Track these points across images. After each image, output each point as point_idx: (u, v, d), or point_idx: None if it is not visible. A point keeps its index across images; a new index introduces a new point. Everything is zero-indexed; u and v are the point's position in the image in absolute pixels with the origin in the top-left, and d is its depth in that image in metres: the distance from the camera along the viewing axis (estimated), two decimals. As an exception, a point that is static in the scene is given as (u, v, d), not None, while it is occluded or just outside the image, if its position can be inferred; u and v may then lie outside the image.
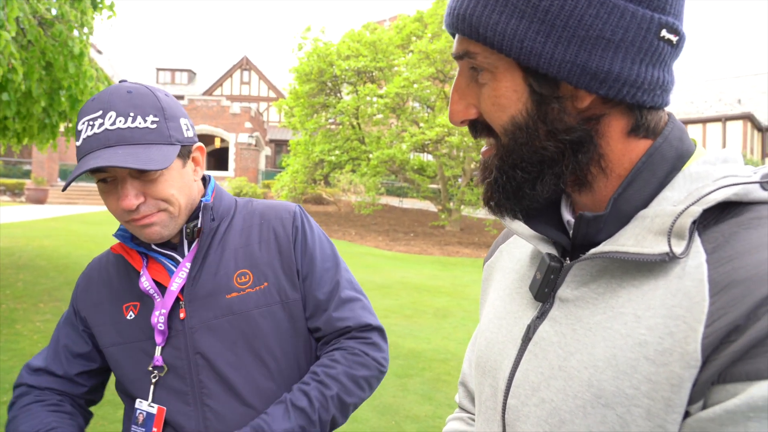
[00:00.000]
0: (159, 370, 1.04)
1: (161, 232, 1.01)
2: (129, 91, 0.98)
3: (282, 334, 1.08)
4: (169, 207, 1.01)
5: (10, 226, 12.45)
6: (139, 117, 0.96)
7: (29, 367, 1.13)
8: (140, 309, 1.07)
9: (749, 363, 0.43)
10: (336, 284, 1.13)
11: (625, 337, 0.51)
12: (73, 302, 1.16)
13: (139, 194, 0.97)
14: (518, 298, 0.68)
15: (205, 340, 1.03)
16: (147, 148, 0.95)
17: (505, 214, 0.62)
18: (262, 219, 1.14)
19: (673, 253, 0.50)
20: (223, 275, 1.06)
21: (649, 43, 0.53)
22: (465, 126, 0.63)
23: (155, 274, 1.06)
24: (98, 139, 0.94)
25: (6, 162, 27.10)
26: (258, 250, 1.09)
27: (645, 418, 0.48)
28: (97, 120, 0.95)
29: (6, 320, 5.36)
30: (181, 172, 1.03)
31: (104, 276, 1.13)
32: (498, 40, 0.54)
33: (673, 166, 0.57)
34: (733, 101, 24.07)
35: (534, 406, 0.58)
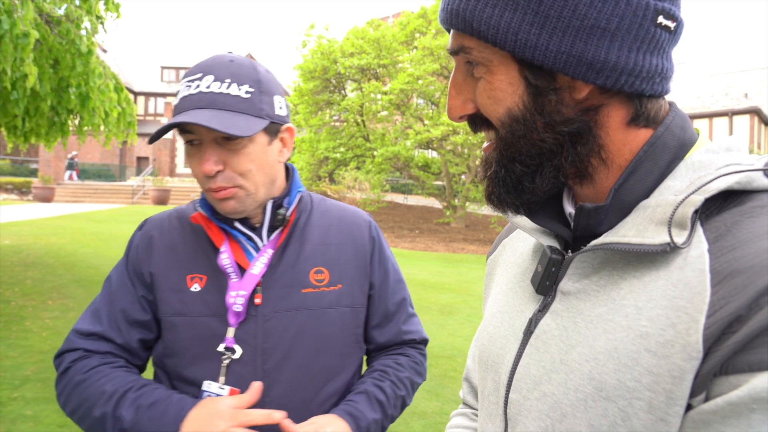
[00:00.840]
0: (231, 352, 1.01)
1: (236, 207, 1.01)
2: (231, 60, 1.00)
3: (345, 338, 1.09)
4: (244, 183, 1.00)
5: (17, 224, 12.53)
6: (235, 84, 0.97)
7: (79, 332, 1.05)
8: (207, 283, 1.04)
9: (752, 354, 0.41)
10: (403, 299, 1.20)
11: (627, 329, 0.50)
12: (131, 263, 1.08)
13: (219, 162, 0.97)
14: (520, 291, 0.67)
15: (278, 329, 1.02)
16: (235, 116, 0.95)
17: (508, 209, 0.62)
18: (341, 222, 1.15)
19: (674, 243, 0.49)
20: (301, 269, 1.07)
21: (646, 31, 0.52)
22: (464, 121, 0.62)
23: (233, 253, 1.05)
24: (192, 99, 0.96)
25: (13, 161, 27.26)
26: (335, 251, 1.11)
27: (646, 411, 0.47)
28: (195, 81, 0.97)
29: (15, 317, 5.40)
30: (265, 149, 1.02)
31: (167, 240, 1.08)
32: (492, 34, 0.53)
33: (675, 155, 0.56)
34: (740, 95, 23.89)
35: (535, 400, 0.58)
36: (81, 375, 1.01)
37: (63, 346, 1.06)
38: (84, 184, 25.02)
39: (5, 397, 3.57)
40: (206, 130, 0.96)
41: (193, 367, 1.02)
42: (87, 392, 0.99)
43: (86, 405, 0.98)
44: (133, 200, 22.95)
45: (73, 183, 24.83)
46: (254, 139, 0.99)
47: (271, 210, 1.06)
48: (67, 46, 4.90)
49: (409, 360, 1.17)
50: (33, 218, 14.07)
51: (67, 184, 24.20)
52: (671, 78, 0.56)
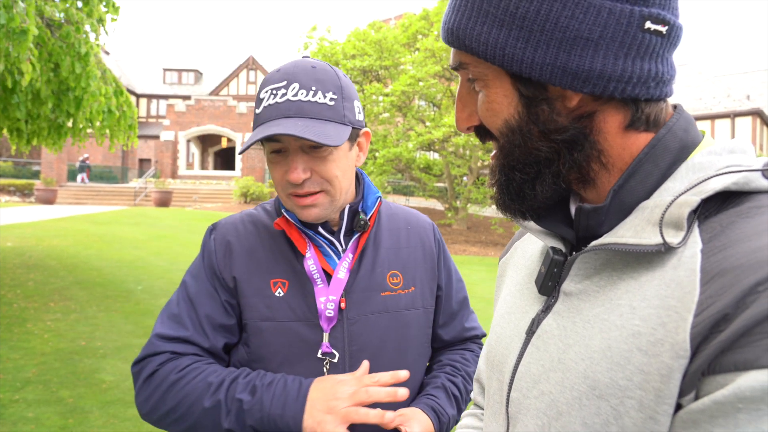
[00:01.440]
0: (331, 357, 1.01)
1: (319, 213, 1.01)
2: (313, 66, 1.00)
3: (421, 338, 1.12)
4: (331, 189, 1.00)
5: (20, 226, 12.56)
6: (320, 92, 0.97)
7: (163, 337, 1.02)
8: (289, 288, 1.03)
9: (738, 353, 0.42)
10: (464, 298, 1.24)
11: (620, 329, 0.51)
12: (212, 268, 1.05)
13: (307, 169, 0.98)
14: (527, 293, 0.69)
15: (363, 332, 1.04)
16: (323, 124, 0.95)
17: (515, 215, 0.63)
18: (408, 225, 1.18)
19: (667, 243, 0.49)
20: (379, 273, 1.09)
21: (633, 37, 0.52)
22: (471, 132, 0.65)
23: (317, 258, 1.05)
24: (279, 108, 0.96)
25: (15, 163, 27.34)
26: (406, 255, 1.14)
27: (637, 409, 0.48)
28: (281, 90, 0.96)
29: (17, 319, 5.41)
30: (347, 155, 1.03)
31: (246, 245, 1.07)
32: (482, 50, 0.56)
33: (677, 157, 0.56)
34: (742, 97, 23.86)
35: (534, 399, 0.59)
36: (176, 374, 0.98)
37: (144, 350, 1.03)
38: (86, 186, 25.07)
39: (7, 399, 3.57)
40: (294, 139, 0.96)
41: (287, 372, 1.00)
42: (189, 387, 0.96)
43: (190, 400, 0.95)
44: (135, 202, 22.99)
45: (75, 185, 24.90)
46: (339, 147, 0.99)
47: (349, 215, 1.07)
48: (66, 49, 4.91)
49: (474, 355, 1.22)
50: (35, 220, 14.11)
51: (69, 186, 24.25)
52: (670, 81, 0.57)
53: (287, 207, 1.03)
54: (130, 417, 3.39)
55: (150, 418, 1.01)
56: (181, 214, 17.73)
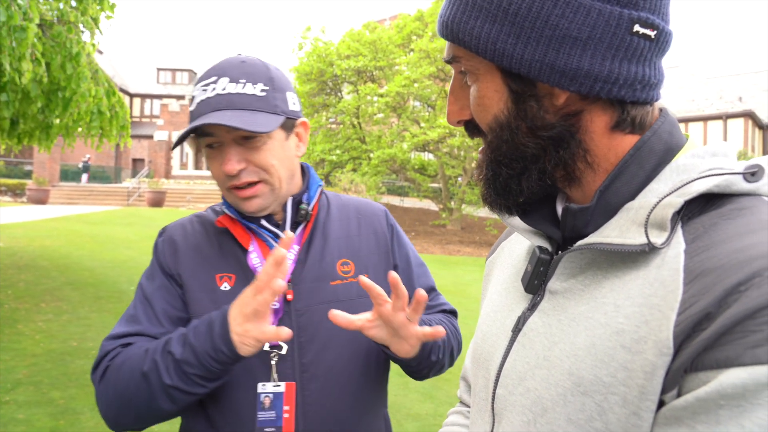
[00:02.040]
0: (278, 349, 1.01)
1: (261, 203, 1.03)
2: (243, 60, 1.03)
3: None
4: (269, 178, 1.02)
5: (11, 226, 12.47)
6: (249, 84, 0.99)
7: (114, 336, 1.02)
8: (236, 282, 1.04)
9: (719, 351, 0.43)
10: (427, 278, 1.23)
11: (604, 326, 0.52)
12: (161, 266, 1.08)
13: (241, 160, 1.00)
14: (513, 291, 0.70)
15: (312, 323, 1.03)
16: (253, 114, 0.98)
17: (501, 210, 0.64)
18: (359, 214, 1.18)
19: (651, 243, 0.50)
20: (328, 262, 1.08)
21: (621, 39, 0.53)
22: (462, 126, 0.66)
23: (261, 251, 1.06)
24: (209, 103, 0.98)
25: (7, 162, 27.15)
26: (358, 243, 1.13)
27: (621, 405, 0.49)
28: (211, 85, 1.00)
29: (8, 320, 5.37)
30: (283, 144, 1.04)
31: (191, 242, 1.09)
32: (475, 44, 0.57)
33: (662, 159, 0.57)
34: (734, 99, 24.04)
35: (520, 395, 0.59)
36: (120, 360, 0.97)
37: (98, 355, 1.02)
38: (79, 185, 24.94)
39: (-3, 401, 3.54)
40: (225, 131, 0.98)
41: (238, 367, 0.97)
42: (130, 364, 0.94)
43: (132, 375, 0.93)
44: (128, 202, 22.88)
45: (67, 185, 24.76)
46: (273, 135, 1.02)
47: (293, 206, 1.08)
48: (58, 49, 4.88)
49: (448, 315, 1.21)
50: (27, 220, 14.01)
51: (62, 186, 24.11)
52: (657, 85, 0.58)
53: (230, 201, 1.05)
54: (122, 418, 3.38)
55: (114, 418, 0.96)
56: (174, 214, 17.64)
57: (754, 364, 0.40)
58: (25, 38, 4.04)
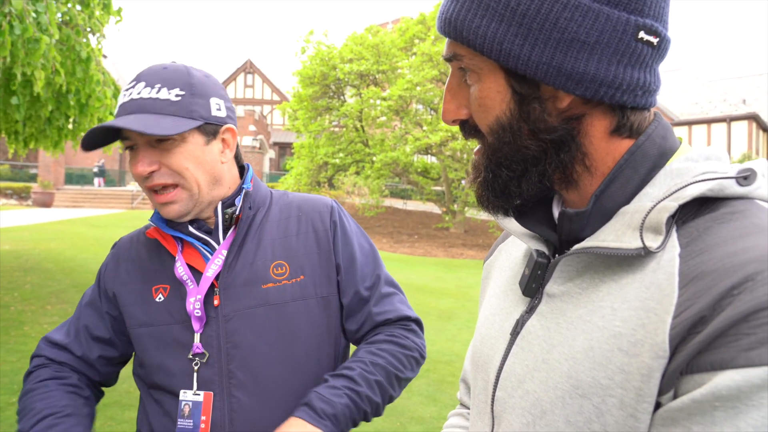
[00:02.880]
0: (200, 357, 1.02)
1: (180, 209, 1.03)
2: (165, 67, 1.04)
3: (314, 330, 1.07)
4: (184, 182, 1.02)
5: (17, 229, 12.53)
6: (164, 89, 1.00)
7: (48, 340, 1.13)
8: (170, 292, 1.06)
9: (714, 353, 0.43)
10: (377, 278, 1.15)
11: (602, 330, 0.52)
12: (100, 281, 1.14)
13: (153, 162, 1.00)
14: (511, 294, 0.70)
15: (239, 329, 1.03)
16: (161, 118, 0.98)
17: (498, 212, 0.64)
18: (300, 212, 1.15)
19: (647, 247, 0.51)
20: (260, 265, 1.06)
21: (626, 45, 0.54)
22: (457, 125, 0.65)
23: (190, 259, 1.06)
24: (124, 107, 1.00)
25: (13, 166, 27.26)
26: (296, 243, 1.10)
27: (618, 407, 0.49)
28: (129, 90, 1.02)
29: (14, 322, 5.40)
30: (203, 149, 1.04)
31: (134, 255, 1.13)
32: (480, 43, 0.56)
33: (656, 164, 0.58)
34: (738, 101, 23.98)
35: (519, 398, 0.60)
36: (32, 384, 1.07)
37: (35, 350, 1.13)
38: (83, 189, 25.03)
39: (4, 402, 3.57)
40: (138, 134, 1.00)
41: (165, 375, 1.03)
42: (25, 403, 1.05)
43: (20, 415, 1.04)
44: (132, 205, 22.95)
45: (72, 188, 24.85)
46: (188, 139, 1.01)
47: (222, 210, 1.08)
48: (67, 52, 4.93)
49: (386, 335, 1.11)
50: (32, 223, 14.07)
51: (67, 189, 24.20)
52: (655, 92, 0.59)
53: (153, 205, 1.06)
54: (127, 419, 3.39)
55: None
56: (178, 217, 17.67)
57: (748, 366, 0.41)
58: (38, 49, 4.10)
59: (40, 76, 4.29)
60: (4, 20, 3.85)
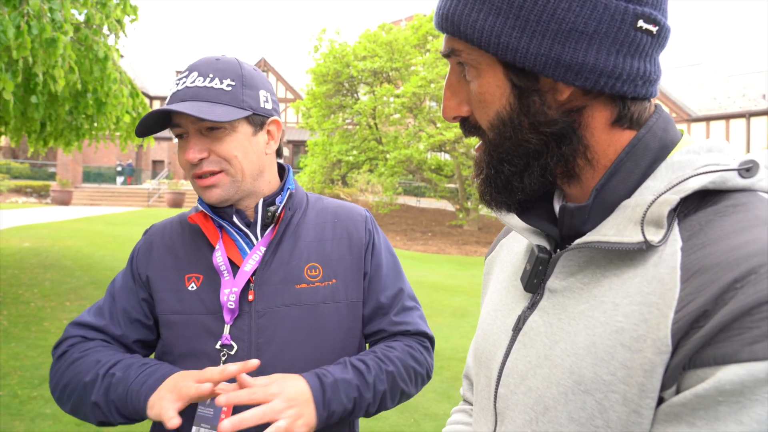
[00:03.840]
0: (228, 349, 1.03)
1: (221, 194, 1.05)
2: (217, 59, 1.07)
3: (342, 333, 1.10)
4: (230, 168, 1.04)
5: (36, 227, 12.75)
6: (217, 79, 1.03)
7: (79, 323, 1.09)
8: (203, 282, 1.07)
9: (717, 347, 0.43)
10: (399, 291, 1.18)
11: (604, 325, 0.52)
12: (132, 267, 1.14)
13: (203, 150, 1.02)
14: (513, 290, 0.69)
15: (271, 325, 1.04)
16: (214, 106, 1.00)
17: (501, 208, 0.64)
18: (336, 218, 1.18)
19: (648, 241, 0.50)
20: (295, 265, 1.08)
21: (625, 34, 0.53)
22: (457, 122, 0.64)
23: (228, 250, 1.08)
24: (177, 95, 1.03)
25: (32, 165, 27.73)
26: (330, 247, 1.13)
27: (621, 403, 0.49)
28: (182, 79, 1.04)
29: (35, 318, 5.51)
30: (250, 139, 1.06)
31: (167, 243, 1.14)
32: (477, 37, 0.56)
33: (657, 156, 0.57)
34: (758, 96, 23.52)
35: (522, 394, 0.60)
36: (78, 353, 1.04)
37: (61, 336, 1.10)
38: (100, 187, 25.38)
39: (25, 396, 3.64)
40: (190, 122, 1.02)
41: (191, 363, 1.03)
42: (82, 365, 1.02)
43: (78, 376, 1.00)
44: (148, 203, 23.22)
45: (90, 186, 25.21)
46: (237, 128, 1.04)
47: (263, 207, 1.10)
48: (85, 51, 5.00)
49: (402, 344, 1.14)
50: (51, 221, 14.31)
51: (85, 187, 24.56)
52: (656, 81, 0.58)
53: (196, 191, 1.07)
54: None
55: (57, 399, 1.04)
56: (193, 215, 17.84)
57: (752, 360, 0.41)
58: (56, 48, 4.16)
59: (60, 74, 4.35)
60: (23, 20, 3.91)
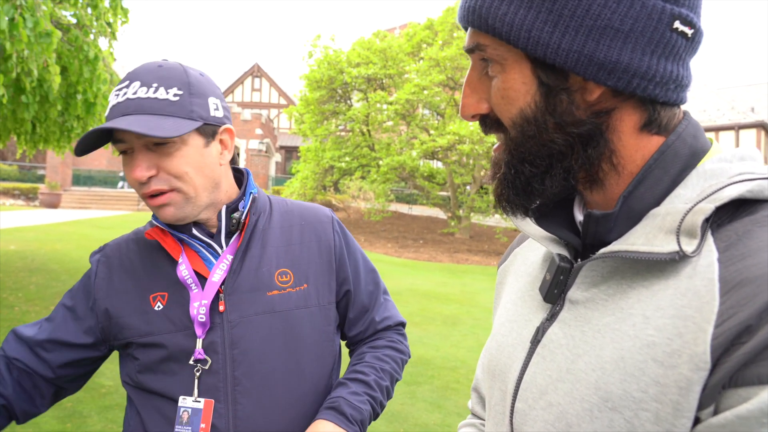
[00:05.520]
0: (202, 363, 0.99)
1: (176, 213, 0.99)
2: (160, 65, 0.99)
3: (317, 337, 1.08)
4: (182, 186, 0.98)
5: (23, 229, 12.59)
6: (162, 88, 0.95)
7: (14, 332, 1.08)
8: (168, 299, 1.03)
9: (762, 365, 0.40)
10: (375, 287, 1.21)
11: (633, 339, 0.49)
12: (87, 291, 1.07)
13: (151, 167, 0.96)
14: (529, 300, 0.67)
15: (246, 335, 1.01)
16: (162, 119, 0.93)
17: (517, 212, 0.61)
18: (303, 220, 1.14)
19: (683, 251, 0.48)
20: (265, 272, 1.05)
21: (661, 35, 0.51)
22: (476, 120, 0.62)
23: (192, 262, 1.04)
24: (119, 107, 0.95)
25: (20, 167, 27.47)
26: (299, 251, 1.10)
27: (653, 422, 0.46)
28: (123, 90, 0.96)
29: (19, 322, 5.40)
30: (201, 151, 1.00)
31: (126, 264, 1.08)
32: (506, 31, 0.53)
33: (687, 164, 0.55)
34: (746, 109, 23.85)
35: (541, 410, 0.57)
36: None
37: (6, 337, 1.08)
38: (90, 190, 25.17)
39: (5, 403, 3.56)
40: (135, 137, 0.95)
41: (167, 382, 1.00)
42: None
43: None
44: (138, 207, 23.05)
45: (79, 189, 25.00)
46: (187, 142, 0.98)
47: (226, 215, 1.05)
48: (75, 52, 4.95)
49: (384, 341, 1.19)
50: (39, 224, 14.14)
51: (74, 191, 24.36)
52: (687, 87, 0.56)
53: (151, 209, 1.02)
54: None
55: None
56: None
57: None
58: (50, 43, 4.10)
59: (55, 71, 4.29)
60: (16, 12, 3.85)
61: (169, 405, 1.00)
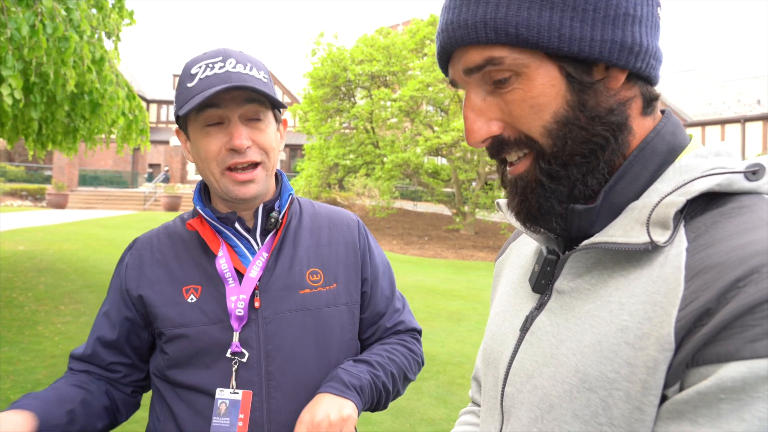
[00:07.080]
0: (240, 356, 1.01)
1: (258, 189, 1.04)
2: (241, 51, 1.06)
3: (344, 335, 1.11)
4: (267, 161, 1.04)
5: (31, 230, 12.69)
6: (255, 69, 1.02)
7: (72, 356, 1.13)
8: (202, 292, 1.05)
9: (719, 345, 0.43)
10: (392, 291, 1.24)
11: (609, 324, 0.53)
12: (120, 285, 1.10)
13: (248, 138, 1.01)
14: (521, 291, 0.70)
15: (279, 331, 1.04)
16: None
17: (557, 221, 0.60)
18: (331, 223, 1.19)
19: (654, 242, 0.51)
20: (297, 271, 1.09)
21: (654, 17, 0.57)
22: (486, 145, 0.60)
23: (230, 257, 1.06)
24: (219, 77, 0.98)
25: (27, 168, 27.64)
26: (327, 252, 1.14)
27: (624, 400, 0.49)
28: (218, 63, 0.99)
29: (28, 322, 5.47)
30: (276, 134, 1.08)
31: (158, 257, 1.10)
32: (534, 35, 0.54)
33: (665, 160, 0.58)
34: (752, 102, 23.65)
35: (528, 393, 0.60)
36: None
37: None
38: (96, 190, 25.30)
39: (18, 401, 3.61)
40: (236, 105, 0.99)
41: (200, 375, 1.02)
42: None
43: None
44: (144, 207, 23.16)
45: (86, 189, 25.14)
46: (271, 122, 1.05)
47: (263, 213, 1.08)
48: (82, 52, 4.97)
49: (397, 339, 1.21)
50: (46, 224, 14.25)
51: (80, 191, 24.49)
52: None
53: (221, 187, 1.03)
54: (137, 419, 3.41)
55: None
56: (190, 218, 17.79)
57: (753, 357, 0.41)
58: (68, 47, 4.15)
59: (71, 74, 4.34)
60: (36, 19, 3.89)
61: (203, 398, 1.01)
